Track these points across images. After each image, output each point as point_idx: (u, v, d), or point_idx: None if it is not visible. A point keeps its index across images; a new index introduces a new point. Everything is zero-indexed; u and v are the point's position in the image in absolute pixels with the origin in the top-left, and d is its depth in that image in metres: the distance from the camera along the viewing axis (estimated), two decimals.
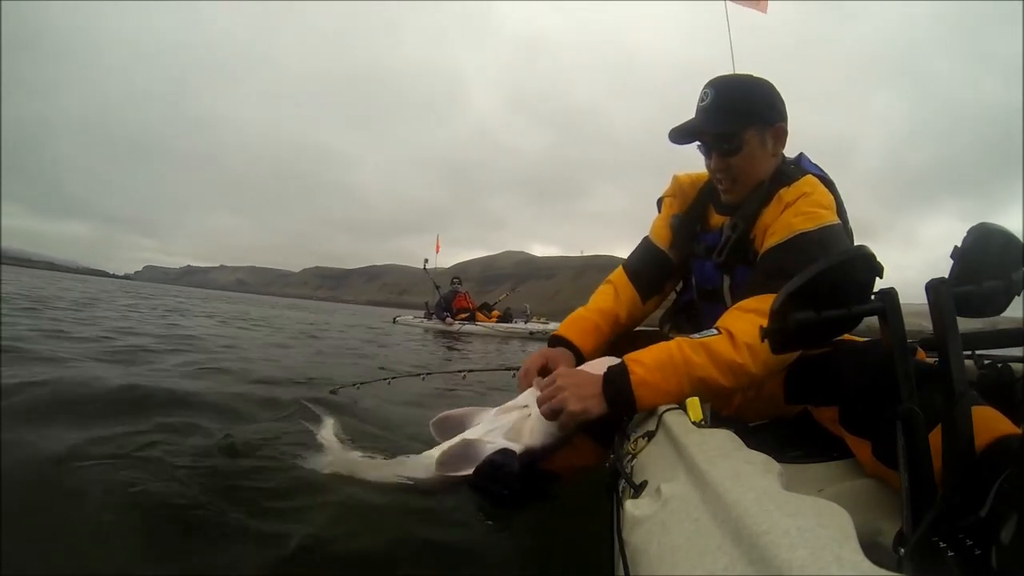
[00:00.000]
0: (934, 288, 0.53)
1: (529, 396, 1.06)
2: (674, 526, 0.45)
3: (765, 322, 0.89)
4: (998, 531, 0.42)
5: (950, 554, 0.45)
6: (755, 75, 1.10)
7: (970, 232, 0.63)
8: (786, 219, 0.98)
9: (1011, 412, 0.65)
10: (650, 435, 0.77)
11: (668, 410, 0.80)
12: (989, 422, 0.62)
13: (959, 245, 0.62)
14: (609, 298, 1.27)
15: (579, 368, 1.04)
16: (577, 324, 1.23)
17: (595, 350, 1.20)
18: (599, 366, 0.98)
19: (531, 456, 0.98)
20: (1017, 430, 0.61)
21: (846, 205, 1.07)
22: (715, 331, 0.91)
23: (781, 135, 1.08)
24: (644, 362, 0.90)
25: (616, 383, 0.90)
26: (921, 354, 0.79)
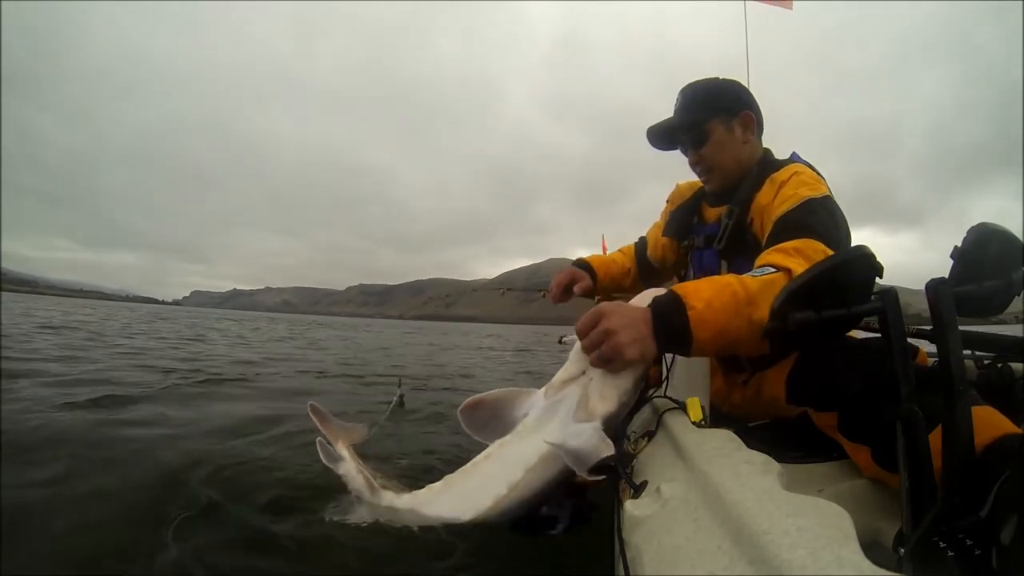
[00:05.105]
0: (934, 288, 0.53)
1: (579, 359, 0.88)
2: (674, 526, 0.45)
3: (808, 266, 0.74)
4: (998, 532, 0.42)
5: (950, 554, 0.44)
6: (722, 77, 1.23)
7: (970, 232, 0.63)
8: (790, 190, 1.02)
9: (1011, 412, 0.65)
10: (650, 435, 0.77)
11: (668, 410, 0.80)
12: (989, 422, 0.62)
13: (959, 245, 0.62)
14: (624, 256, 1.58)
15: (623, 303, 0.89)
16: (601, 258, 1.57)
17: (610, 281, 1.53)
18: (645, 299, 0.86)
19: (613, 423, 0.82)
20: (1017, 430, 0.61)
21: (893, 192, 1.11)
22: (772, 269, 0.82)
23: (749, 122, 1.17)
24: (704, 297, 0.78)
25: (670, 321, 0.78)
26: (922, 354, 0.79)
